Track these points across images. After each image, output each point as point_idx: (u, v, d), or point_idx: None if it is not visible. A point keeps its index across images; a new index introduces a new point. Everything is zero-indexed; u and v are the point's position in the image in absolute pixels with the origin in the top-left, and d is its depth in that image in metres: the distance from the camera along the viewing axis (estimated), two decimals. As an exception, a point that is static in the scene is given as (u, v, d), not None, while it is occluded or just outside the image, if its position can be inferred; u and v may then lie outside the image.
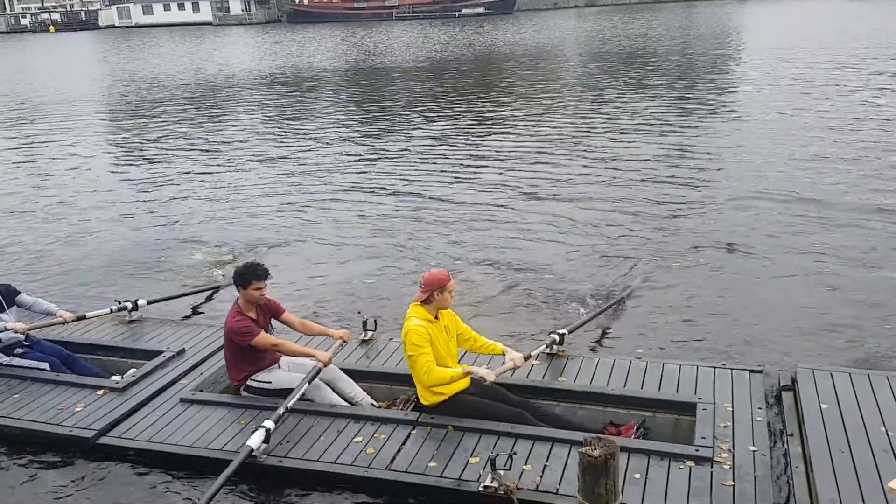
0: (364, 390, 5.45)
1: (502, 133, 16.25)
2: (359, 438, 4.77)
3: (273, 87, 27.14)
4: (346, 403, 5.29)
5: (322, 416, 5.03)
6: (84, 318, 6.60)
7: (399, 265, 8.62)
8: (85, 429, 5.10)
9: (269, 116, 20.69)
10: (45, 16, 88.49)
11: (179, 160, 15.13)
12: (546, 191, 11.34)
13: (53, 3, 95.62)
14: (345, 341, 5.64)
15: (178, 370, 5.88)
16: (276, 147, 16.03)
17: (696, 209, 9.96)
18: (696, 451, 4.35)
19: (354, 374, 5.60)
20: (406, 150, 15.05)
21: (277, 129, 18.42)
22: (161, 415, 5.26)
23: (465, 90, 23.92)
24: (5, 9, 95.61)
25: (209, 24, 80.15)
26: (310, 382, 5.14)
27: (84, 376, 5.86)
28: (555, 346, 5.67)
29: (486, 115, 18.76)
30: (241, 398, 5.42)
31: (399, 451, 4.60)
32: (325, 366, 5.27)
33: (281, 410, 4.83)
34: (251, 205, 11.54)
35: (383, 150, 15.23)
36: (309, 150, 15.46)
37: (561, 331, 5.76)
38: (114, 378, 5.87)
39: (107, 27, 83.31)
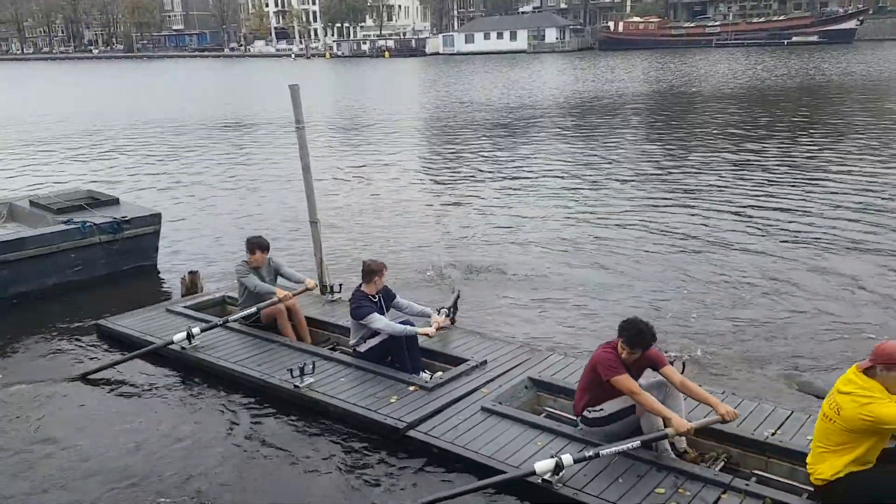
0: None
1: (832, 174, 14.61)
2: (661, 490, 4.48)
3: (579, 111, 27.50)
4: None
5: (623, 458, 4.80)
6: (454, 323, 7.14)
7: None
8: (397, 419, 5.47)
9: (578, 140, 20.97)
10: (381, 43, 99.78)
11: (497, 175, 15.92)
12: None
13: (389, 32, 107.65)
14: (726, 421, 4.73)
15: (481, 379, 6.09)
16: (580, 170, 16.14)
17: None
18: None
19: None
20: (715, 186, 14.20)
21: (590, 153, 18.56)
22: (462, 419, 5.47)
23: (781, 126, 21.99)
24: (349, 35, 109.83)
25: (524, 51, 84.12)
26: (651, 446, 4.81)
27: (401, 372, 6.31)
28: None
29: (810, 155, 17.01)
30: (539, 419, 5.47)
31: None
32: (677, 434, 4.74)
33: (590, 453, 4.65)
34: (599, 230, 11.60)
35: (701, 186, 14.55)
36: (603, 175, 15.33)
37: None
38: (423, 377, 6.27)
39: (432, 54, 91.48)
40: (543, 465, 4.52)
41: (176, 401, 6.26)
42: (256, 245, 7.28)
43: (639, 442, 4.73)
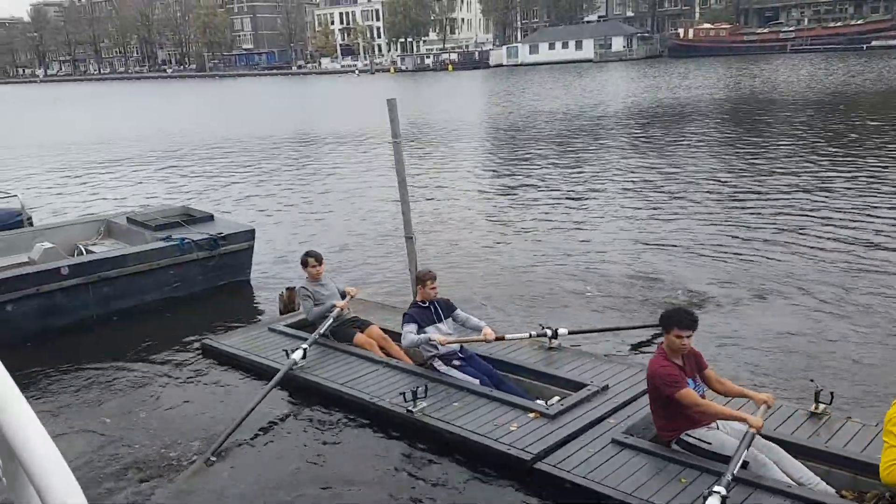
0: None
1: None
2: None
3: (648, 120, 26.79)
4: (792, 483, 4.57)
5: (777, 496, 4.37)
6: (503, 339, 6.75)
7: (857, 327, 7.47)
8: (522, 450, 5.14)
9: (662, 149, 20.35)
10: (444, 56, 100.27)
11: (562, 189, 15.52)
12: None
13: (452, 45, 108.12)
14: (769, 406, 4.93)
15: (605, 407, 5.70)
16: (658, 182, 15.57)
17: None
18: None
19: (797, 450, 4.86)
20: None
21: (663, 163, 17.95)
22: (594, 452, 5.09)
23: (874, 134, 20.86)
24: (413, 50, 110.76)
25: (590, 60, 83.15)
26: (746, 449, 4.53)
27: (515, 396, 6.01)
28: None
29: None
30: (675, 452, 5.03)
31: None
32: (758, 432, 4.63)
33: (729, 477, 4.29)
34: (694, 242, 11.04)
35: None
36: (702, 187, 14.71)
37: None
38: (542, 402, 5.93)
39: (496, 66, 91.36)
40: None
41: (284, 419, 6.11)
42: (314, 258, 7.43)
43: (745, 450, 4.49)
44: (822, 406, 5.33)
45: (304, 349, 6.72)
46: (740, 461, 4.46)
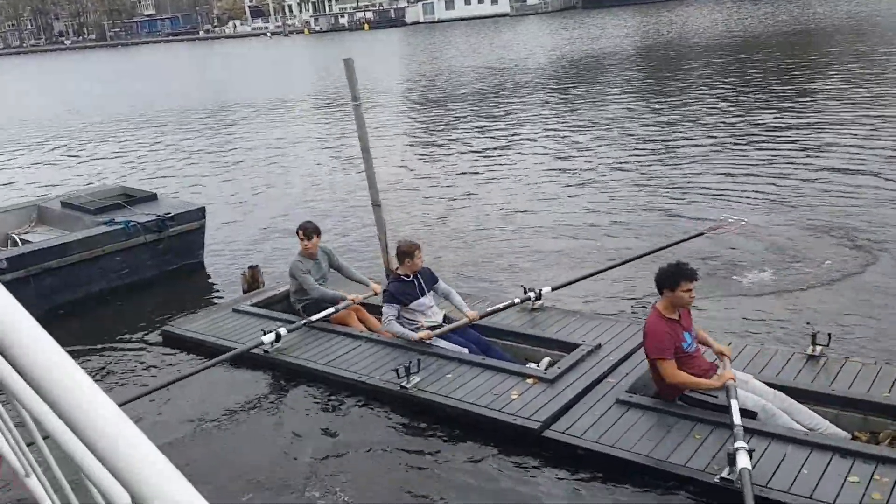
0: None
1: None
2: (854, 478, 4.06)
3: (578, 71, 26.85)
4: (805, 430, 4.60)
5: (798, 446, 4.37)
6: (488, 315, 6.46)
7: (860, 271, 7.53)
8: (528, 419, 5.00)
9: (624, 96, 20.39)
10: (359, 15, 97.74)
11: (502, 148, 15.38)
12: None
13: (367, 3, 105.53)
14: (728, 357, 5.00)
15: (602, 366, 5.61)
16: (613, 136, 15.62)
17: None
18: None
19: (803, 395, 4.90)
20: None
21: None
22: (600, 414, 5.00)
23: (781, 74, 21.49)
24: (326, 9, 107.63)
25: (506, 14, 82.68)
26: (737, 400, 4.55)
27: (509, 362, 5.86)
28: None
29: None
30: (681, 408, 4.98)
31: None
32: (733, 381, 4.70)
33: (737, 430, 4.25)
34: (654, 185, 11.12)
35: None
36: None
37: None
38: (535, 366, 5.81)
39: (413, 23, 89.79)
40: (741, 460, 4.01)
41: (271, 407, 5.81)
42: (313, 231, 6.89)
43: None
44: (819, 348, 5.39)
45: (277, 333, 6.31)
46: (737, 412, 4.42)
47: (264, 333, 6.33)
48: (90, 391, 0.88)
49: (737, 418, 4.36)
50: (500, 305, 6.60)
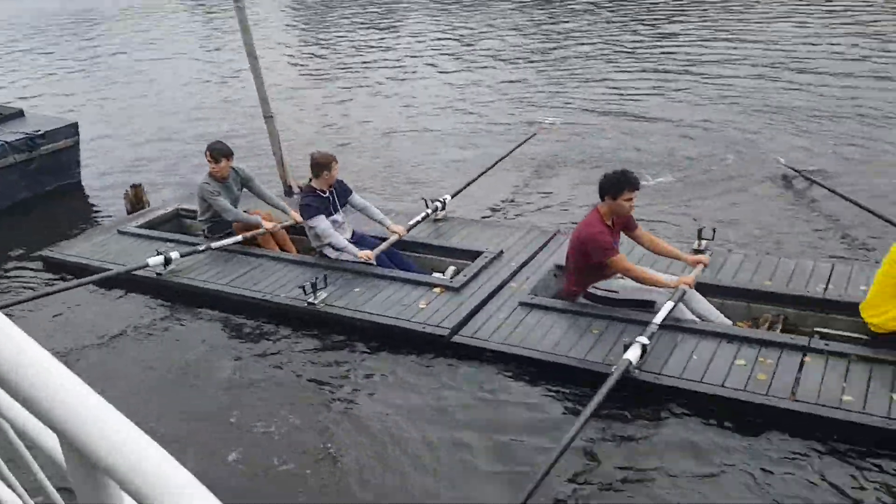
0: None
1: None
2: (741, 361, 4.40)
3: None
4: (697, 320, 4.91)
5: (689, 335, 4.69)
6: (411, 227, 6.36)
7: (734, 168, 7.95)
8: (437, 326, 5.10)
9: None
10: None
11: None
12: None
13: None
14: (705, 266, 5.11)
15: (504, 272, 5.74)
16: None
17: None
18: None
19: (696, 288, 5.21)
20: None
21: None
22: (505, 317, 5.15)
23: None
24: None
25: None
26: (675, 304, 4.69)
27: (417, 273, 5.89)
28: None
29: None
30: (583, 306, 5.19)
31: (797, 380, 4.18)
32: (690, 288, 4.83)
33: (654, 328, 4.51)
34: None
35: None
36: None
37: None
38: (440, 275, 5.87)
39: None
40: (633, 353, 4.24)
41: (163, 333, 5.58)
42: (222, 153, 6.40)
43: (673, 304, 4.63)
44: (704, 242, 5.72)
45: (167, 256, 6.01)
46: (666, 312, 4.59)
47: (157, 254, 6.03)
48: None
49: (659, 319, 4.53)
50: (419, 218, 6.49)
